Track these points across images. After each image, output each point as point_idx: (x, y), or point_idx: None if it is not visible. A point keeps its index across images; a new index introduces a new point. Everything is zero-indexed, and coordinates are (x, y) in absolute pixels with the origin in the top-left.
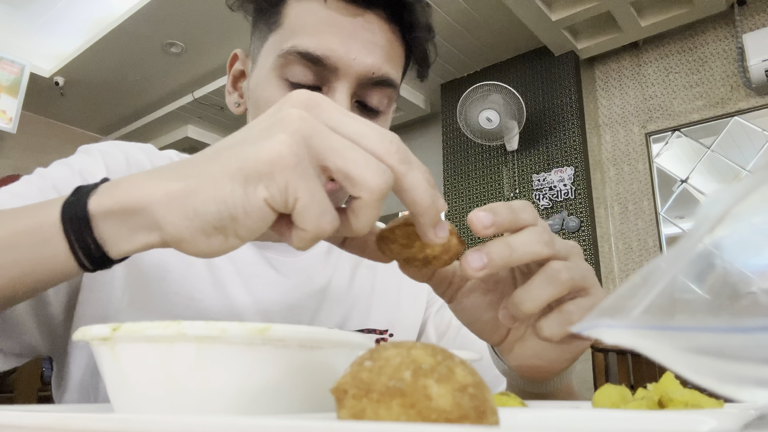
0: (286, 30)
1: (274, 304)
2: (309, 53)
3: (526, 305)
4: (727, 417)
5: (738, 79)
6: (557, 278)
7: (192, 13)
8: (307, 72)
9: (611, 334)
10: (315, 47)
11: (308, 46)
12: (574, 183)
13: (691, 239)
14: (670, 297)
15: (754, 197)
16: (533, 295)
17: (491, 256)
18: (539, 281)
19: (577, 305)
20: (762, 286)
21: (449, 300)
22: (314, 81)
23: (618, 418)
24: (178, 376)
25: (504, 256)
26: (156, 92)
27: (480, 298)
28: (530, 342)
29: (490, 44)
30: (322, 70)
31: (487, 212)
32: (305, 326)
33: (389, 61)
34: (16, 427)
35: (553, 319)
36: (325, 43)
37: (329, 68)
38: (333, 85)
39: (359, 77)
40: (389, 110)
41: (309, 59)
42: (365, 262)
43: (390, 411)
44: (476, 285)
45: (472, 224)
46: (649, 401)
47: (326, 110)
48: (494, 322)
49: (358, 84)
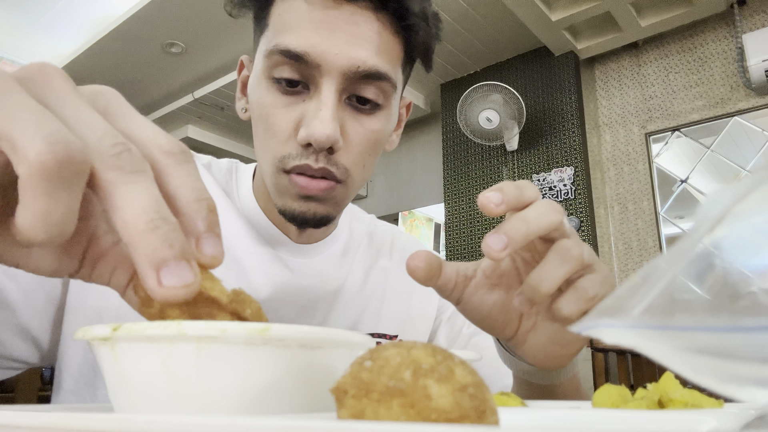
0: (271, 30)
1: (286, 304)
2: (290, 50)
3: (543, 285)
4: (727, 417)
5: (738, 79)
6: (570, 255)
7: (192, 13)
8: (292, 71)
9: (611, 333)
10: (296, 44)
11: (289, 44)
12: (574, 183)
13: (691, 239)
14: (670, 297)
15: (754, 197)
16: (549, 275)
17: (510, 233)
18: (552, 260)
19: (589, 281)
20: (762, 286)
21: (456, 301)
22: (300, 78)
23: (618, 418)
24: (178, 375)
25: (522, 231)
26: (156, 92)
27: (487, 294)
28: (544, 329)
29: (490, 44)
30: (306, 67)
31: (495, 191)
32: (305, 326)
33: (379, 54)
34: (16, 427)
35: (570, 297)
36: (306, 39)
37: (312, 65)
38: (318, 82)
39: (345, 72)
40: (390, 104)
41: (291, 57)
42: (379, 265)
43: (390, 411)
44: (481, 282)
45: (483, 205)
46: (649, 401)
47: (55, 88)
48: (504, 316)
49: (345, 79)
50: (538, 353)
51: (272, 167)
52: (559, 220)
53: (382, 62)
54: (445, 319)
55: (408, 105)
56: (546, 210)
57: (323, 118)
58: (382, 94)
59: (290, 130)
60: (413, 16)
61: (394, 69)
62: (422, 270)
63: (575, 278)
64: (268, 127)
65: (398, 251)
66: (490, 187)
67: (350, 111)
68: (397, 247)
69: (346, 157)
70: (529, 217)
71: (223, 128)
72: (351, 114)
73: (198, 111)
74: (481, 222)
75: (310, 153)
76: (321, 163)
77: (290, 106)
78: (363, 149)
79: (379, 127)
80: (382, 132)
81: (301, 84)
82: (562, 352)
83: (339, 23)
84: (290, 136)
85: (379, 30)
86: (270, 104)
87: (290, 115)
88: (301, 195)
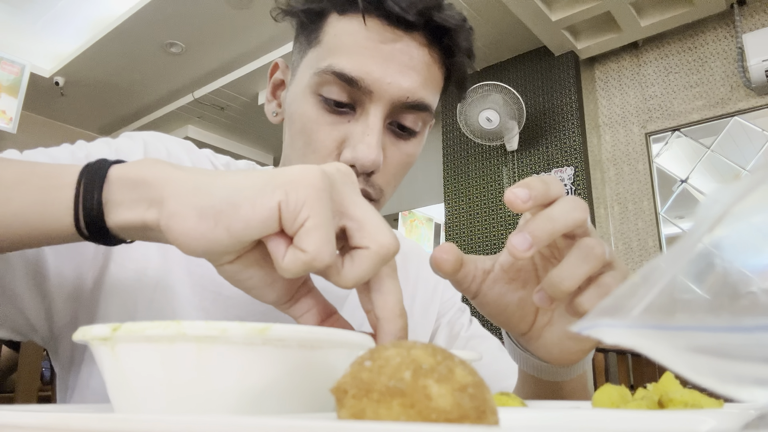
0: (324, 48)
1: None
2: (345, 74)
3: (565, 283)
4: (727, 417)
5: (738, 79)
6: (593, 254)
7: (192, 13)
8: (341, 92)
9: (611, 333)
10: (351, 68)
11: (344, 67)
12: (574, 183)
13: (691, 239)
14: (669, 297)
15: (754, 197)
16: (571, 273)
17: (535, 233)
18: (576, 258)
19: (611, 277)
20: (762, 286)
21: (474, 295)
22: (348, 100)
23: (618, 418)
24: (178, 376)
25: (547, 230)
26: (156, 92)
27: (504, 288)
28: (560, 324)
29: (490, 44)
30: (357, 91)
31: (522, 187)
32: (305, 326)
33: (426, 86)
34: (16, 427)
35: (593, 293)
36: (362, 66)
37: (364, 90)
38: (367, 107)
39: (393, 101)
40: (424, 132)
41: (344, 80)
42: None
43: (390, 411)
44: (499, 276)
45: (510, 201)
46: (649, 401)
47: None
48: (521, 311)
49: (392, 107)
50: (553, 349)
51: None
52: (584, 218)
53: (427, 94)
54: (444, 323)
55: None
56: (571, 207)
57: (370, 143)
58: (422, 122)
59: (332, 148)
60: (461, 53)
61: (435, 99)
62: (450, 263)
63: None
64: (310, 142)
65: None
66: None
67: (390, 136)
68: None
69: (382, 179)
70: (554, 215)
71: (223, 128)
72: (391, 139)
73: (198, 111)
74: (481, 222)
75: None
76: (361, 185)
77: (335, 125)
78: (397, 171)
79: (413, 151)
80: (415, 155)
81: (347, 106)
82: (577, 347)
83: (395, 53)
84: (331, 153)
85: (429, 63)
86: (314, 120)
87: (334, 133)
88: None
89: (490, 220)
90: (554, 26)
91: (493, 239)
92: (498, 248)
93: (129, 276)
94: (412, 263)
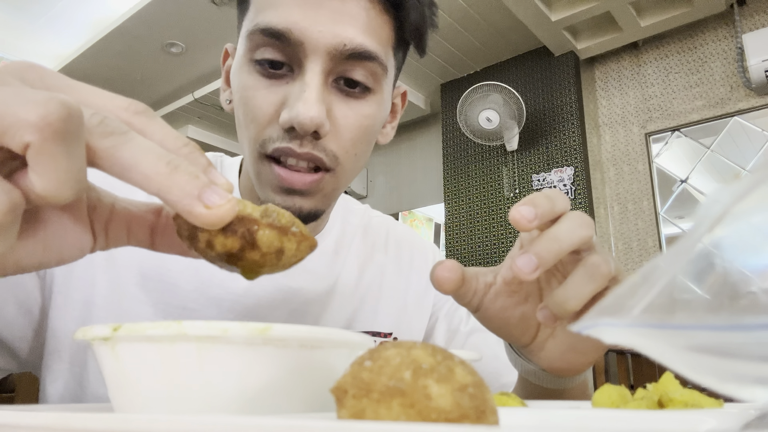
0: (252, 10)
1: (275, 310)
2: (270, 28)
3: (570, 303)
4: (727, 417)
5: (738, 79)
6: (599, 272)
7: (192, 13)
8: (274, 51)
9: (611, 332)
10: (277, 21)
11: (270, 21)
12: (573, 183)
13: (691, 239)
14: (669, 296)
15: (754, 197)
16: (576, 293)
17: (540, 254)
18: (581, 277)
19: None
20: (762, 286)
21: (476, 309)
22: (283, 59)
23: (618, 418)
24: (178, 375)
25: (553, 250)
26: (156, 92)
27: (506, 302)
28: (563, 337)
29: (490, 44)
30: (288, 47)
31: (527, 205)
32: (306, 326)
33: (367, 32)
34: (16, 427)
35: None
36: (288, 16)
37: (295, 44)
38: (303, 64)
39: (330, 51)
40: (381, 88)
41: (272, 35)
42: (374, 260)
43: (390, 411)
44: (501, 289)
45: (516, 220)
46: (649, 401)
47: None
48: (524, 324)
49: (330, 59)
50: (555, 360)
51: (253, 153)
52: (589, 235)
53: (370, 41)
54: (442, 316)
55: (403, 94)
56: (577, 225)
57: (307, 99)
58: (372, 77)
59: (271, 113)
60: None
61: (384, 50)
62: (453, 281)
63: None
64: (248, 111)
65: (393, 244)
66: (521, 200)
67: (338, 94)
68: (392, 240)
69: (335, 144)
70: (560, 235)
71: (223, 128)
72: (339, 97)
73: (198, 111)
74: (481, 222)
75: (293, 137)
76: (306, 148)
77: (272, 88)
78: (354, 135)
79: (370, 112)
80: (373, 118)
81: (285, 66)
82: (580, 360)
83: (323, 0)
84: (272, 120)
85: (367, 7)
86: (251, 87)
87: (272, 97)
88: (283, 187)
89: (490, 220)
90: (554, 26)
91: (493, 239)
92: (498, 248)
93: (77, 308)
94: (405, 250)
